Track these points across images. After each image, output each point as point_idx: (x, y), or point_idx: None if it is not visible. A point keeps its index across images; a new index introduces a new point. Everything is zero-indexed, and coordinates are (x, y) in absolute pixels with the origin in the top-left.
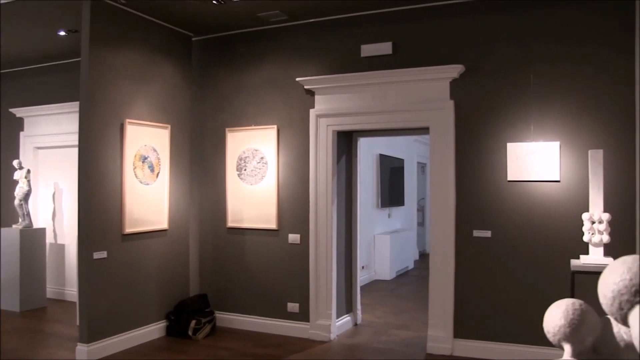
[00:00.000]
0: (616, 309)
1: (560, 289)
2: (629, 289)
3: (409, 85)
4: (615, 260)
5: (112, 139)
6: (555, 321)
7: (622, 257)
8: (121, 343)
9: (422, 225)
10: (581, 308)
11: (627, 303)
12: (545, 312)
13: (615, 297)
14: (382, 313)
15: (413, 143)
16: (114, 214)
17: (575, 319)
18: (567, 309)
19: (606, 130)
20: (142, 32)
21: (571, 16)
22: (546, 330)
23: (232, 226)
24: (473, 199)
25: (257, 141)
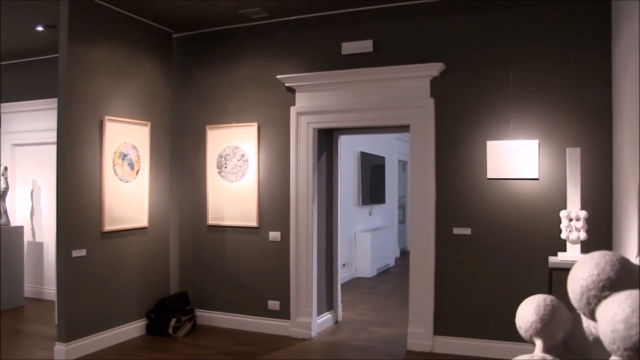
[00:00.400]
0: (584, 304)
1: (539, 285)
2: (596, 284)
3: (389, 83)
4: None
5: (91, 136)
6: (527, 317)
7: (590, 253)
8: (100, 342)
9: (403, 223)
10: (552, 304)
11: (595, 298)
12: (518, 309)
13: (584, 293)
14: (363, 310)
15: (394, 141)
16: (93, 212)
17: (547, 315)
18: (539, 304)
19: (583, 129)
20: (122, 28)
21: (549, 16)
22: (518, 326)
23: (213, 224)
24: (453, 196)
25: (238, 139)
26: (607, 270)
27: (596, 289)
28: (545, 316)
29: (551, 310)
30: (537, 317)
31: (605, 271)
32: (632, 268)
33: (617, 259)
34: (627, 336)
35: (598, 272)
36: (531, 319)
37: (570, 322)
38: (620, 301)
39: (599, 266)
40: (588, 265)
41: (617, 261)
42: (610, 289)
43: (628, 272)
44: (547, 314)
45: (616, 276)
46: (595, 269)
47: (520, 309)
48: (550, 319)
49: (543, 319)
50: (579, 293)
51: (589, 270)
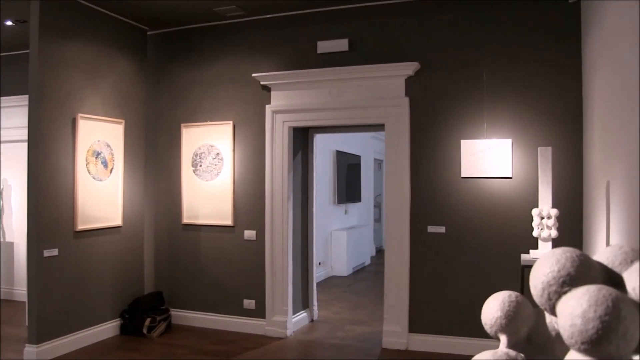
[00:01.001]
0: (545, 299)
1: (512, 282)
2: (556, 280)
3: (364, 82)
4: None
5: (63, 134)
6: (492, 313)
7: (552, 250)
8: (73, 343)
9: (378, 222)
10: (517, 300)
11: (555, 294)
12: (483, 305)
13: (545, 289)
14: (339, 309)
15: (370, 140)
16: (65, 211)
17: (511, 311)
18: (504, 301)
19: (555, 128)
20: (95, 24)
21: (522, 16)
22: (484, 322)
23: (188, 223)
24: (428, 195)
25: (213, 137)
26: (567, 266)
27: (556, 285)
28: (510, 312)
29: (515, 306)
30: (501, 314)
31: (566, 267)
32: (591, 264)
33: (577, 255)
34: (584, 330)
35: (558, 268)
36: (496, 315)
37: (534, 318)
38: (578, 296)
39: (559, 262)
40: (549, 261)
41: (577, 257)
42: (570, 284)
43: (587, 268)
44: (511, 310)
45: (576, 272)
46: (556, 266)
47: (486, 305)
48: (515, 315)
49: (507, 315)
50: (541, 289)
51: (550, 267)
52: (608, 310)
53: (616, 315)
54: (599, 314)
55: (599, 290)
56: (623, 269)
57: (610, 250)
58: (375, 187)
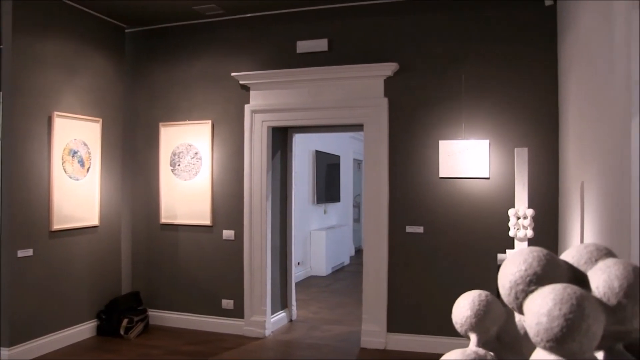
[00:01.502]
0: (513, 298)
1: (488, 282)
2: (523, 279)
3: (344, 82)
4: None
5: (39, 132)
6: (462, 312)
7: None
8: (48, 345)
9: (358, 222)
10: (487, 299)
11: (522, 292)
12: (454, 304)
13: (512, 287)
14: (317, 309)
15: (349, 140)
16: (41, 210)
17: (481, 310)
18: (474, 300)
19: (532, 129)
20: (72, 21)
21: (500, 19)
22: (454, 322)
23: (166, 222)
24: (406, 195)
25: (192, 136)
26: (534, 265)
27: (523, 284)
28: (480, 311)
29: (485, 305)
30: (471, 313)
31: (533, 266)
32: (558, 263)
33: (543, 254)
34: (549, 328)
35: (525, 267)
36: (466, 314)
37: (504, 316)
38: (544, 295)
39: (526, 262)
40: (517, 261)
41: (544, 257)
42: (537, 283)
43: (553, 267)
44: (481, 310)
45: (542, 271)
46: (523, 265)
47: (456, 304)
48: (484, 314)
49: (477, 314)
50: (508, 288)
51: (518, 266)
52: (572, 308)
53: (580, 313)
54: (563, 312)
55: (564, 289)
56: (588, 267)
57: (576, 249)
58: (354, 187)
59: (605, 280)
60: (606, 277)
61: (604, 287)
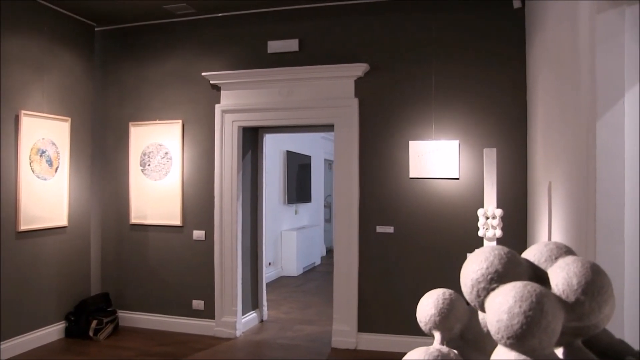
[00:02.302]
0: (474, 296)
1: (458, 281)
2: (485, 277)
3: (314, 83)
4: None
5: (5, 131)
6: (426, 310)
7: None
8: (15, 347)
9: (329, 222)
10: (450, 297)
11: (484, 290)
12: (418, 303)
13: (474, 286)
14: (288, 309)
15: (320, 140)
16: (7, 211)
17: (445, 308)
18: (437, 298)
19: (500, 130)
20: (41, 18)
21: (470, 20)
22: (419, 320)
23: (136, 222)
24: (376, 195)
25: (162, 136)
26: (495, 263)
27: (485, 282)
28: (444, 310)
29: (449, 303)
30: (435, 311)
31: (494, 264)
32: (519, 261)
33: (504, 252)
34: (510, 325)
35: (487, 265)
36: (430, 312)
37: (468, 315)
38: (505, 292)
39: (487, 260)
40: (478, 259)
41: (505, 255)
42: (498, 281)
43: (514, 265)
44: (445, 308)
45: (503, 269)
46: (485, 263)
47: (421, 303)
48: (448, 312)
49: (441, 312)
50: (470, 286)
51: (479, 264)
52: (532, 305)
53: (540, 310)
54: (523, 309)
55: (524, 287)
56: (548, 265)
57: (537, 248)
58: (325, 188)
59: (564, 278)
60: (565, 274)
61: (563, 284)
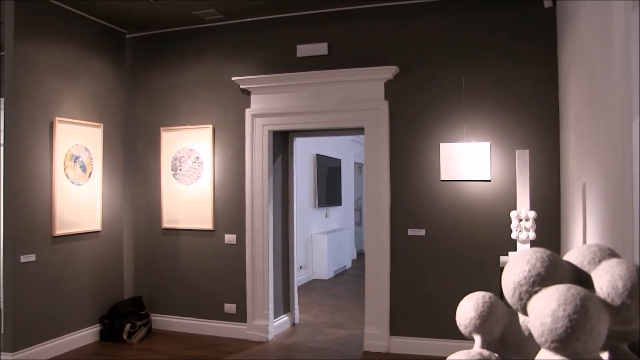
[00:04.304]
0: (517, 299)
1: (491, 284)
2: (527, 280)
3: (344, 86)
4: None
5: (40, 138)
6: (466, 314)
7: (522, 250)
8: (51, 350)
9: (359, 225)
10: (490, 300)
11: (526, 293)
12: (458, 306)
13: (516, 289)
14: (320, 312)
15: (350, 143)
16: (43, 216)
17: (485, 312)
18: (477, 301)
19: (532, 131)
20: (73, 27)
21: (501, 21)
22: (458, 323)
23: (167, 227)
24: (407, 198)
25: (193, 141)
26: (538, 266)
27: (527, 285)
28: (484, 313)
29: (489, 307)
30: (475, 314)
31: (536, 267)
32: (561, 264)
33: (546, 255)
34: (554, 329)
35: (529, 268)
36: (470, 315)
37: (508, 318)
38: (548, 295)
39: (530, 263)
40: (520, 262)
41: (547, 257)
42: (540, 284)
43: (556, 268)
44: (485, 311)
45: (545, 272)
46: (527, 266)
47: (460, 306)
48: (488, 315)
49: (481, 315)
50: (512, 289)
51: (521, 267)
52: (576, 308)
53: (584, 314)
54: (567, 312)
55: (568, 290)
56: (591, 268)
57: (579, 250)
58: (355, 191)
59: (609, 281)
60: (610, 277)
61: (607, 287)
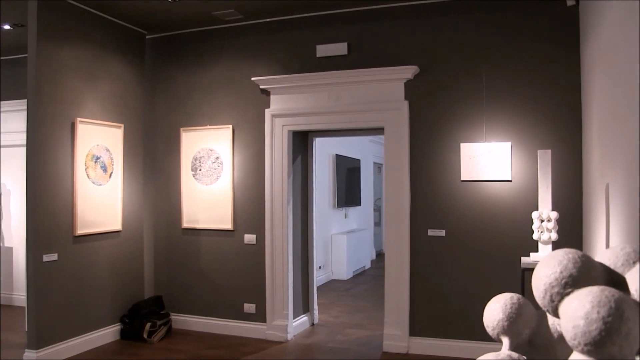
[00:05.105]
0: (548, 301)
1: (512, 285)
2: (559, 281)
3: (364, 86)
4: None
5: (62, 138)
6: (494, 315)
7: (553, 251)
8: (73, 348)
9: (378, 225)
10: (519, 302)
11: (558, 295)
12: (485, 307)
13: (547, 290)
14: (339, 312)
15: (369, 143)
16: (64, 215)
17: (513, 313)
18: (505, 303)
19: (554, 131)
20: (94, 28)
21: (521, 20)
22: (486, 325)
23: (187, 227)
24: (427, 198)
25: (212, 141)
26: (570, 267)
27: (559, 286)
28: (512, 314)
29: (517, 308)
30: (503, 316)
31: (568, 268)
32: (593, 265)
33: (578, 256)
34: (587, 331)
35: (561, 269)
36: (498, 317)
37: (536, 319)
38: (581, 297)
39: (561, 264)
40: (551, 263)
41: (579, 259)
42: (573, 285)
43: (589, 270)
44: (513, 312)
45: (578, 273)
46: (558, 267)
47: (488, 308)
48: (517, 317)
49: (509, 317)
50: (543, 290)
51: (552, 268)
52: (611, 311)
53: (619, 317)
54: (602, 315)
55: (602, 292)
56: (625, 270)
57: (612, 252)
58: (374, 191)
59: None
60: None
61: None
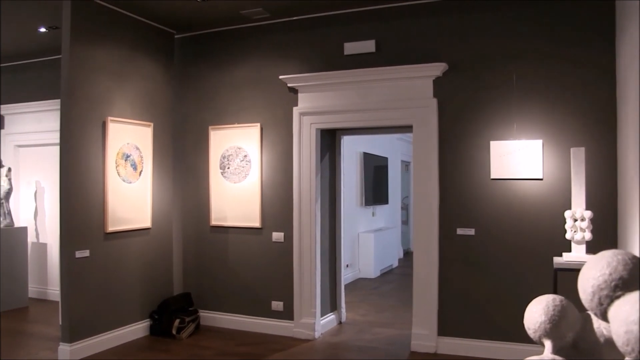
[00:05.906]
0: (596, 304)
1: (543, 286)
2: (608, 283)
3: (392, 84)
4: (594, 255)
5: (93, 137)
6: (535, 317)
7: (601, 252)
8: (104, 342)
9: (406, 224)
10: (561, 304)
11: (607, 298)
12: (526, 309)
13: (595, 292)
14: (366, 311)
15: (396, 141)
16: (96, 213)
17: (556, 315)
18: (548, 305)
19: (588, 128)
20: (124, 29)
21: (553, 15)
22: (527, 327)
23: (216, 224)
24: (456, 197)
25: (240, 139)
26: (620, 269)
27: (608, 289)
28: (555, 317)
29: (560, 310)
30: (546, 318)
31: (618, 270)
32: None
33: (629, 257)
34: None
35: (610, 271)
36: (540, 319)
37: (580, 322)
38: (633, 301)
39: (610, 265)
40: (599, 264)
41: (630, 260)
42: (623, 288)
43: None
44: (556, 315)
45: (629, 275)
46: (607, 269)
47: (529, 309)
48: (560, 319)
49: (552, 319)
50: (590, 293)
51: (601, 270)
52: None
53: None
54: None
55: None
56: None
57: None
58: (402, 189)
59: None
60: None
61: None
